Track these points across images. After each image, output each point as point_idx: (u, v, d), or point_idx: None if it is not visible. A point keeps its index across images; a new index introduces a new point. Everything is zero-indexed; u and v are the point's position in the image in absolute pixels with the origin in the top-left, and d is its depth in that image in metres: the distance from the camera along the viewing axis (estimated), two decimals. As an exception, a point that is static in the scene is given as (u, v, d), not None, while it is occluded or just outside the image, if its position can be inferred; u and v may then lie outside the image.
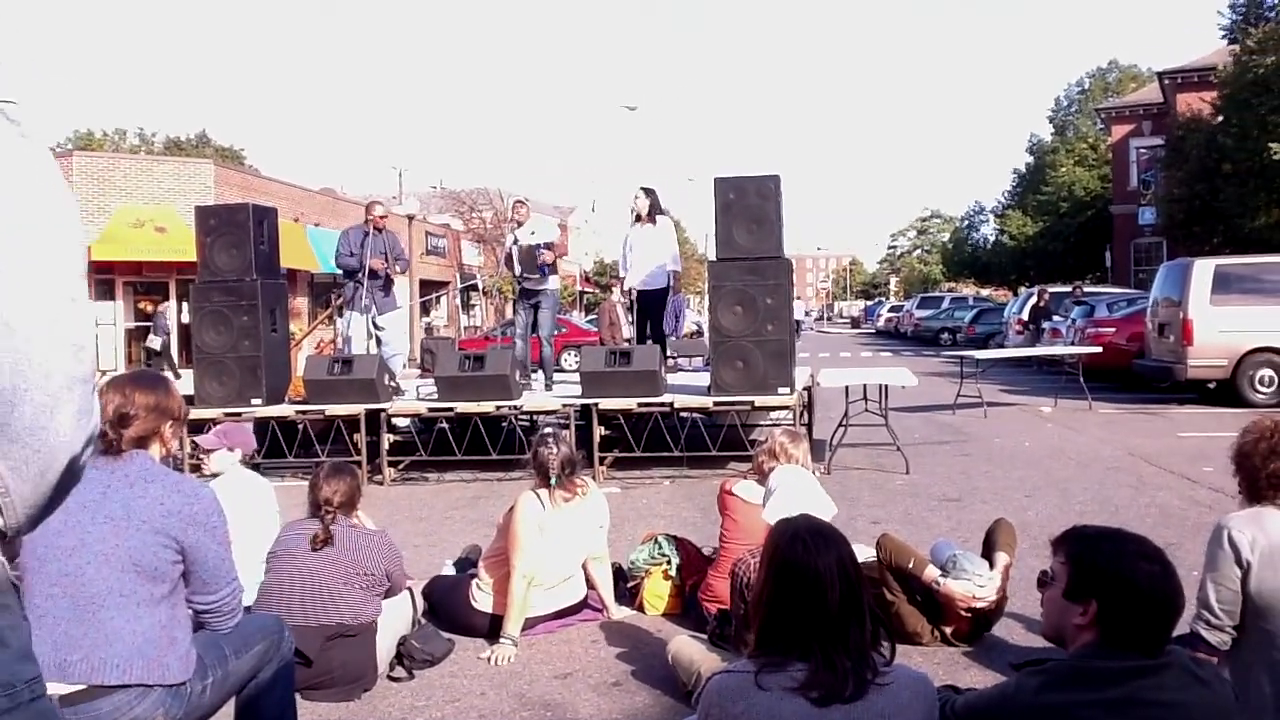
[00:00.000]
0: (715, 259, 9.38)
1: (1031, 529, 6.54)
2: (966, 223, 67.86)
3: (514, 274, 10.92)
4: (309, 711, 3.93)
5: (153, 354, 24.58)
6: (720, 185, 9.17)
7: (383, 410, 9.63)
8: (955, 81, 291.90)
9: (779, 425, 9.10)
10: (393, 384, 10.12)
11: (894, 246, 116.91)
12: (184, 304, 24.99)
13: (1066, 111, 55.85)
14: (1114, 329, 18.00)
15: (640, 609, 5.30)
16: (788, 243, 9.32)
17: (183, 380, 14.66)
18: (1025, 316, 23.22)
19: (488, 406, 9.51)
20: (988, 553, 4.74)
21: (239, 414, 9.72)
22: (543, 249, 10.77)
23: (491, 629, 4.84)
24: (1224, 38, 28.08)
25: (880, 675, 2.28)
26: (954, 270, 67.03)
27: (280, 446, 9.64)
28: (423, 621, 4.81)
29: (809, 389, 10.44)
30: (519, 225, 11.05)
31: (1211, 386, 14.63)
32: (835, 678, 2.23)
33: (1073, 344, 18.28)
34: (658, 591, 5.31)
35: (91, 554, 2.72)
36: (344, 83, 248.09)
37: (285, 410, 9.80)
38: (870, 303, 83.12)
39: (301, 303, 30.32)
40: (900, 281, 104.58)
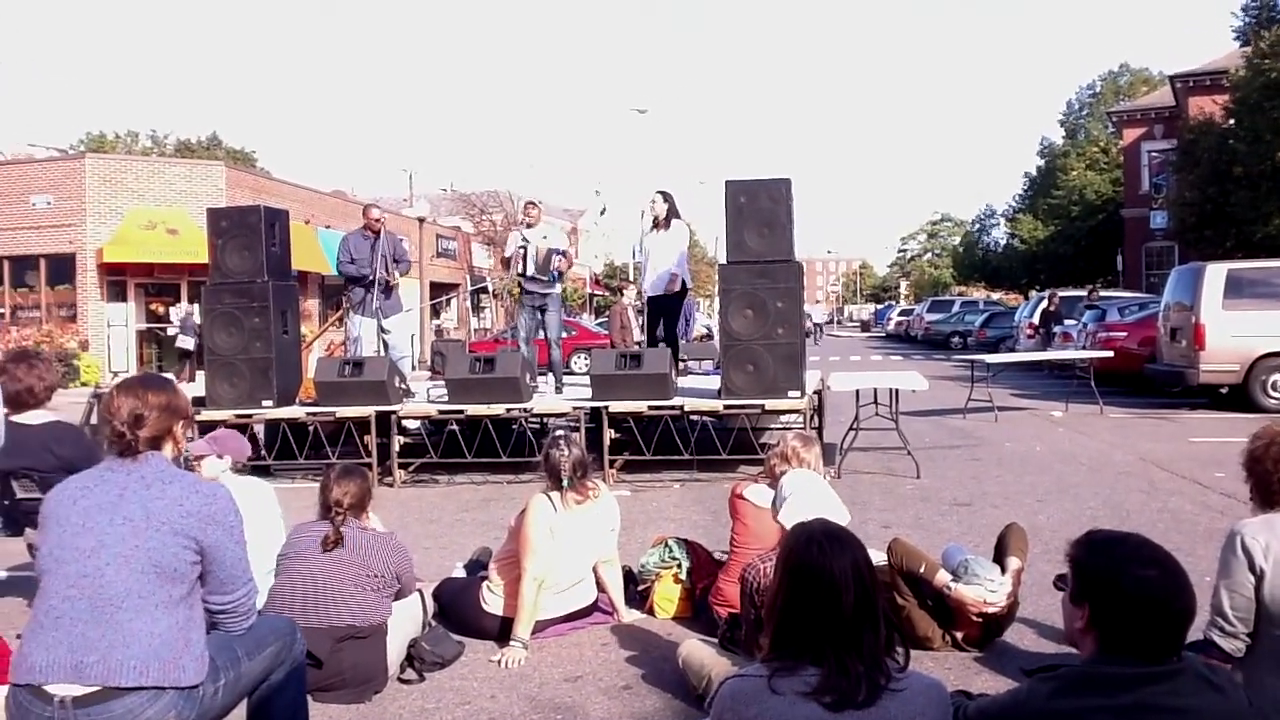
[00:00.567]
0: (726, 262, 9.37)
1: (1043, 534, 6.53)
2: (977, 226, 67.74)
3: (519, 273, 10.90)
4: (320, 713, 3.93)
5: (185, 354, 24.60)
6: (731, 188, 9.17)
7: (393, 412, 9.64)
8: (966, 84, 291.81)
9: (790, 429, 9.10)
10: (403, 386, 10.14)
11: (904, 250, 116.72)
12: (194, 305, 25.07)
13: (1078, 115, 55.80)
14: (1125, 333, 17.94)
15: (651, 612, 5.29)
16: (798, 246, 9.31)
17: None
18: (1036, 320, 23.17)
19: (498, 409, 9.51)
20: (999, 558, 4.73)
21: (250, 415, 9.77)
22: (559, 254, 10.79)
23: (502, 632, 4.84)
24: (1236, 40, 28.00)
25: (894, 681, 2.28)
26: (964, 274, 66.91)
27: (291, 448, 9.67)
28: (433, 624, 4.81)
29: (819, 392, 10.42)
30: (529, 226, 11.04)
31: (1223, 391, 14.58)
32: (849, 683, 2.23)
33: (1084, 348, 18.23)
34: (668, 595, 5.31)
35: (111, 555, 2.73)
36: (355, 86, 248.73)
37: (296, 412, 9.82)
38: (880, 306, 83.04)
39: (312, 305, 30.38)
40: (910, 285, 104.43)
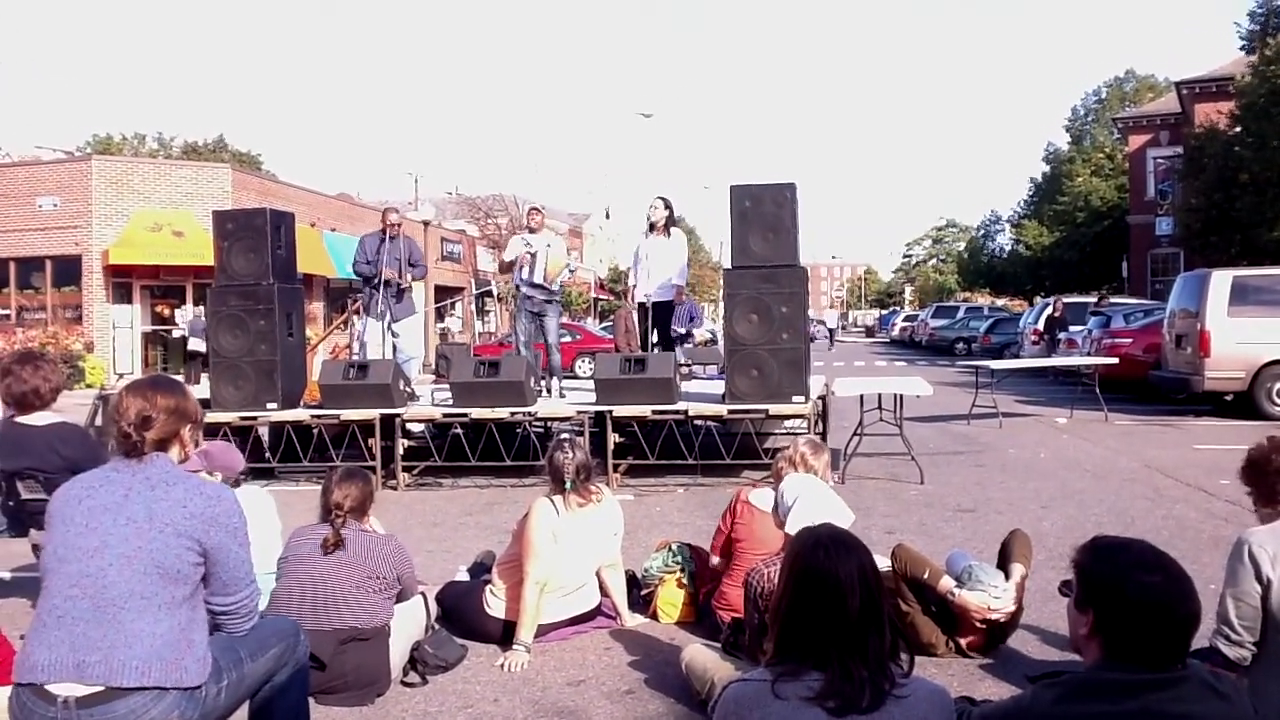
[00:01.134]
0: (730, 267, 9.38)
1: (1047, 540, 6.52)
2: (982, 232, 67.76)
3: (521, 279, 10.89)
4: (322, 715, 3.93)
5: (194, 356, 24.55)
6: (736, 193, 9.17)
7: (398, 415, 9.65)
8: (972, 90, 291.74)
9: (794, 434, 9.10)
10: (408, 389, 10.15)
11: (909, 256, 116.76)
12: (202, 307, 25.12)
13: (1083, 121, 55.76)
14: (1130, 340, 17.93)
15: (654, 617, 5.29)
16: (802, 251, 9.32)
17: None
18: (1041, 327, 23.15)
19: (502, 413, 9.51)
20: (1003, 564, 4.72)
21: (254, 418, 9.78)
22: (570, 271, 10.84)
23: (505, 635, 4.84)
24: (1242, 48, 27.99)
25: (898, 687, 2.27)
26: (969, 280, 66.89)
27: (295, 451, 9.68)
28: (436, 627, 4.81)
29: (823, 398, 10.42)
30: (532, 232, 11.04)
31: (1228, 399, 14.56)
32: (852, 688, 2.22)
33: (1089, 355, 18.22)
34: (671, 599, 5.30)
35: (114, 555, 2.73)
36: (361, 89, 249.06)
37: (300, 414, 9.83)
38: (885, 312, 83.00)
39: (317, 307, 30.42)
40: (915, 291, 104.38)
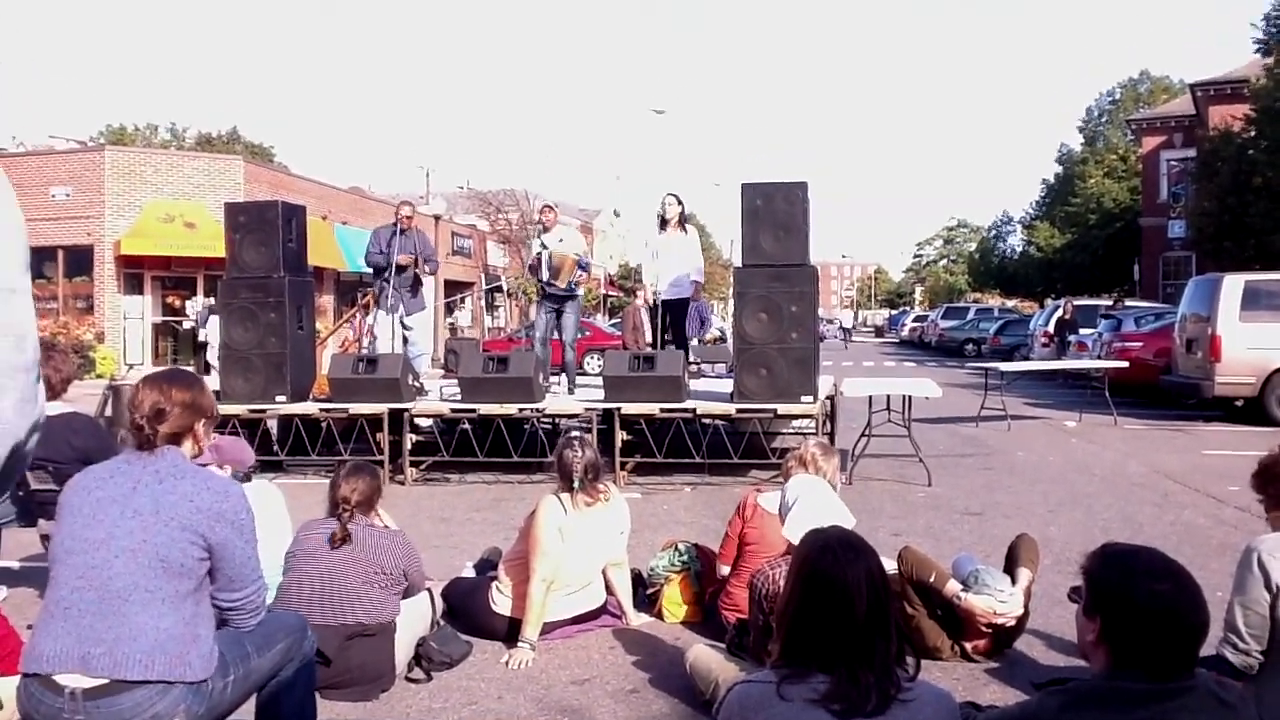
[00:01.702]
0: (741, 265, 9.36)
1: (1054, 545, 6.51)
2: (993, 233, 67.59)
3: (539, 279, 10.90)
4: (327, 711, 3.94)
5: (202, 348, 24.68)
6: (747, 191, 9.15)
7: (406, 410, 9.66)
8: (984, 90, 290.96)
9: (803, 434, 9.09)
10: (416, 384, 10.16)
11: (920, 255, 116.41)
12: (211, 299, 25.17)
13: (1097, 122, 55.55)
14: (1141, 344, 17.86)
15: (659, 616, 5.29)
16: (812, 250, 9.29)
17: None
18: (1051, 329, 23.09)
19: (510, 409, 9.52)
20: (1010, 568, 4.71)
21: (263, 410, 9.80)
22: (582, 270, 10.81)
23: (510, 632, 4.85)
24: (1257, 51, 27.87)
25: (903, 691, 2.27)
26: (980, 281, 66.78)
27: (304, 444, 9.69)
28: (442, 623, 4.81)
29: (832, 398, 10.41)
30: (545, 230, 11.04)
31: (1239, 404, 14.49)
32: (858, 691, 2.22)
33: (1099, 358, 18.16)
34: (677, 599, 5.31)
35: (119, 548, 2.74)
36: (374, 83, 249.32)
37: (309, 408, 9.85)
38: (895, 312, 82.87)
39: (327, 301, 30.48)
40: (925, 291, 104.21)
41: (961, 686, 4.22)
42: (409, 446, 9.74)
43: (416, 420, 10.07)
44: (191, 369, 22.34)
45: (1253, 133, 26.01)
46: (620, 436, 9.27)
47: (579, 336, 12.11)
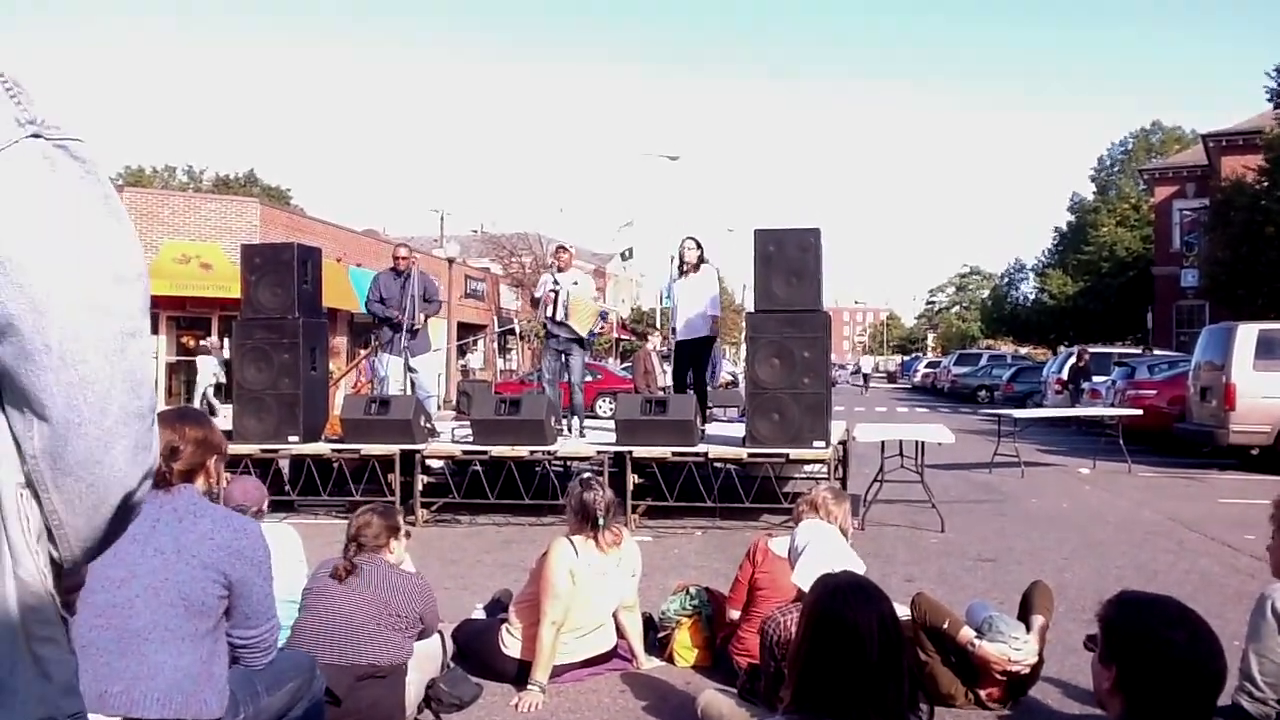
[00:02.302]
0: (754, 310, 9.39)
1: (1069, 592, 6.46)
2: (1006, 280, 67.57)
3: (546, 316, 10.93)
4: (337, 752, 3.91)
5: (218, 388, 25.16)
6: (760, 237, 9.20)
7: (418, 451, 9.67)
8: (997, 138, 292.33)
9: (815, 479, 9.07)
10: (428, 425, 10.18)
11: (933, 302, 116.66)
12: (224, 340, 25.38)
13: (1109, 171, 55.79)
14: (1155, 391, 17.81)
15: (670, 660, 5.26)
16: (825, 295, 9.32)
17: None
18: (1065, 376, 23.03)
19: (522, 451, 9.52)
20: (1024, 615, 4.68)
21: (276, 450, 9.82)
22: (603, 319, 10.87)
23: (520, 675, 4.82)
24: (1269, 101, 27.98)
25: (916, 737, 2.26)
26: (992, 328, 66.69)
27: (315, 484, 9.70)
28: (452, 665, 4.79)
29: (844, 443, 10.39)
30: (560, 271, 11.08)
31: (1254, 453, 14.40)
32: (870, 737, 2.21)
33: (1113, 406, 18.10)
34: (688, 643, 5.27)
35: (140, 587, 2.75)
36: (389, 127, 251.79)
37: (321, 448, 9.87)
38: (907, 358, 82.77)
39: (341, 342, 30.60)
40: (938, 337, 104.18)
41: (975, 735, 4.17)
42: (420, 488, 9.74)
43: (428, 461, 10.08)
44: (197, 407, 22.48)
45: (1265, 183, 26.07)
46: (632, 480, 9.26)
47: (589, 379, 12.11)
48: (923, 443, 9.97)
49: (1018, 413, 16.58)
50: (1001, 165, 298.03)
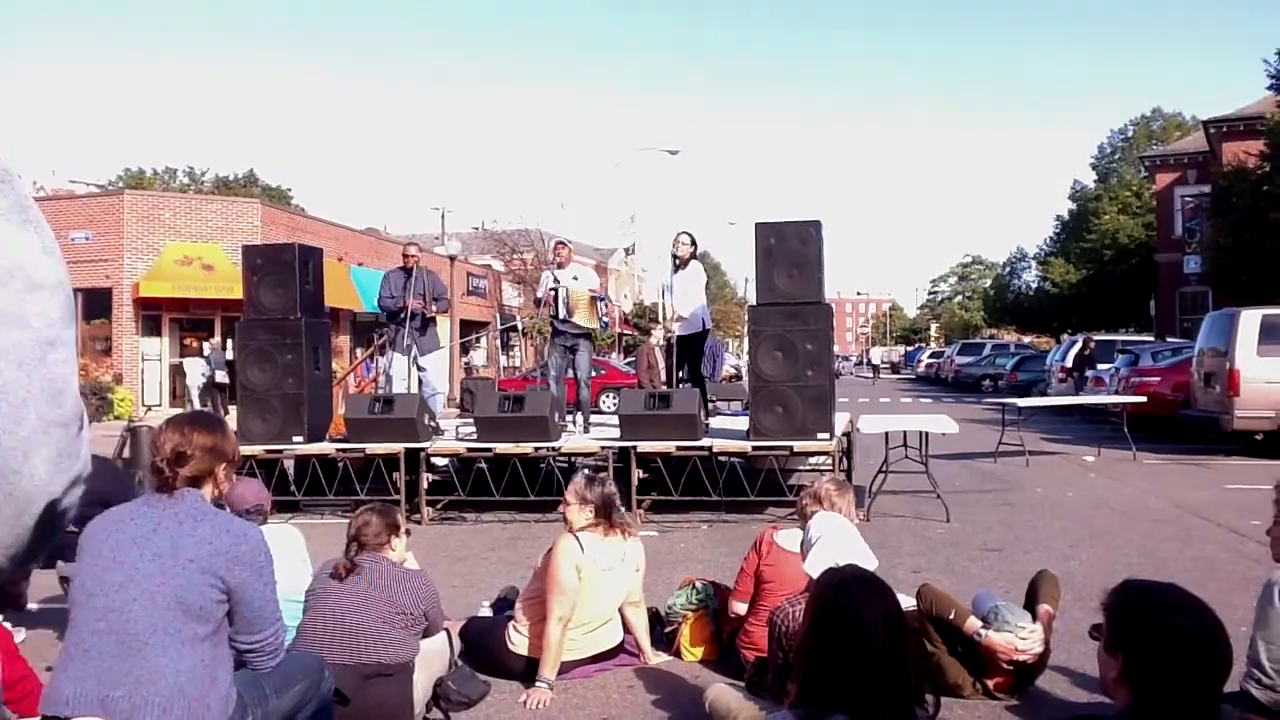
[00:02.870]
0: (755, 304, 9.39)
1: (1075, 580, 6.46)
2: (1009, 269, 67.58)
3: (553, 314, 10.95)
4: (345, 751, 3.91)
5: (218, 388, 25.47)
6: (761, 230, 9.19)
7: (422, 450, 9.68)
8: (997, 127, 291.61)
9: (820, 470, 9.06)
10: (432, 424, 10.18)
11: (935, 292, 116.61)
12: (227, 341, 25.47)
13: (1110, 159, 55.68)
14: (1159, 378, 17.78)
15: (677, 654, 5.26)
16: (827, 286, 9.31)
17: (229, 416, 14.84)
18: (1069, 364, 23.00)
19: (526, 448, 9.53)
20: (1030, 604, 4.68)
21: (280, 451, 9.84)
22: (603, 302, 10.84)
23: (528, 672, 4.83)
24: (1270, 87, 27.91)
25: (923, 729, 2.26)
26: (995, 317, 66.67)
27: (320, 484, 9.71)
28: (459, 663, 4.80)
29: (848, 435, 10.38)
30: (560, 266, 11.07)
31: (1259, 438, 14.38)
32: (877, 730, 2.21)
33: (1117, 393, 18.08)
34: (695, 637, 5.28)
35: (139, 590, 2.75)
36: (389, 126, 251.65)
37: (326, 448, 9.88)
38: (910, 348, 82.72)
39: (344, 341, 30.63)
40: (941, 327, 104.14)
41: (983, 725, 4.17)
42: (425, 486, 9.75)
43: (432, 459, 10.08)
44: (209, 410, 22.56)
45: (1267, 169, 26.03)
46: (637, 474, 9.27)
47: (594, 375, 12.11)
48: (927, 433, 9.97)
49: (1022, 401, 16.55)
50: (1001, 154, 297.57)
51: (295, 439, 9.81)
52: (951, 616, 4.48)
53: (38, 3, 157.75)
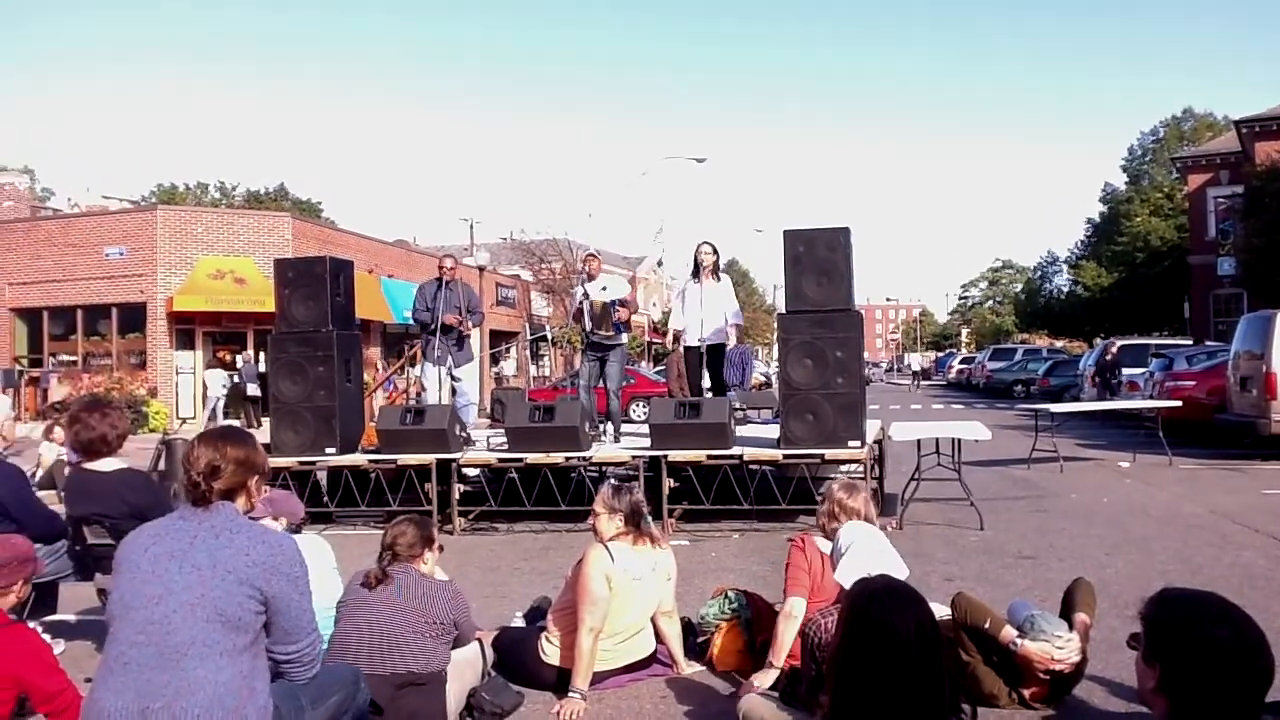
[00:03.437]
0: (785, 311, 9.37)
1: (1111, 588, 6.39)
2: (1039, 273, 66.99)
3: (583, 328, 10.97)
4: (380, 762, 3.93)
5: (252, 400, 25.91)
6: (790, 238, 9.18)
7: (454, 460, 9.71)
8: (1027, 130, 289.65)
9: (851, 479, 9.01)
10: (464, 434, 10.22)
11: (965, 297, 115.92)
12: (260, 354, 25.75)
13: (1141, 160, 55.20)
14: (1193, 382, 17.58)
15: (710, 664, 5.24)
16: (856, 293, 9.28)
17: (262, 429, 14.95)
18: (1095, 370, 22.81)
19: (557, 458, 9.55)
20: (1066, 613, 4.63)
21: (313, 462, 9.90)
22: (617, 306, 10.82)
23: (560, 682, 4.83)
24: (1304, 86, 27.66)
25: (958, 740, 2.24)
26: (1027, 321, 66.13)
27: (353, 495, 9.77)
28: (492, 673, 4.81)
29: (879, 442, 10.33)
30: (590, 279, 11.08)
31: (1297, 442, 14.20)
32: (912, 741, 2.20)
33: (1151, 397, 17.90)
34: (728, 647, 5.26)
35: (178, 603, 2.78)
36: (417, 138, 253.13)
37: (358, 459, 9.94)
38: (941, 354, 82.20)
39: (374, 353, 30.82)
40: (972, 333, 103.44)
41: (1019, 735, 4.14)
42: (457, 496, 9.79)
43: (464, 470, 10.12)
44: (240, 424, 22.79)
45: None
46: (667, 484, 9.26)
47: (624, 384, 12.11)
48: (959, 440, 9.90)
49: (1055, 407, 16.43)
50: (1031, 157, 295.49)
51: (328, 451, 9.87)
52: (986, 626, 4.45)
53: (74, 22, 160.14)
